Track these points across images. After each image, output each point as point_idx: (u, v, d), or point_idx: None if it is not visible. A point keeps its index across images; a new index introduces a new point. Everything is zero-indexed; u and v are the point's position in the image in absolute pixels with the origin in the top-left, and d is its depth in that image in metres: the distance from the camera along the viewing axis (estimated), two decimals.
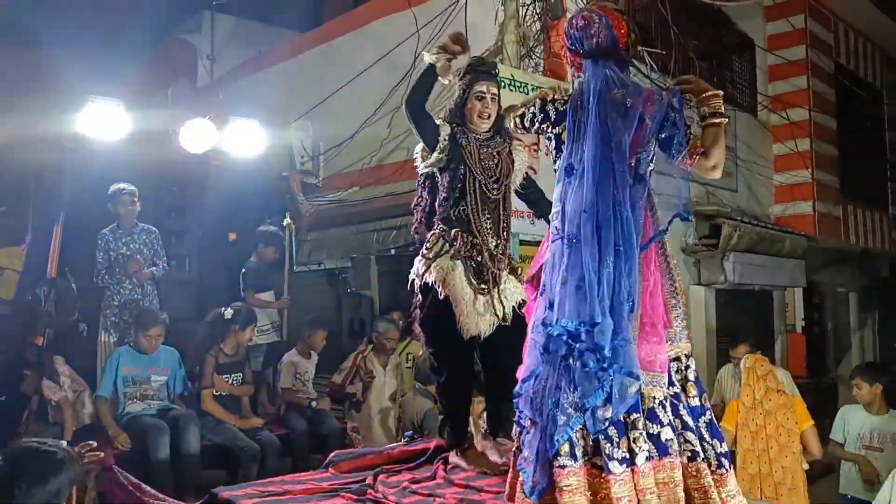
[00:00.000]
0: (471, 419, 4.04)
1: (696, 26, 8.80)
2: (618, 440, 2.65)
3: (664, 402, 2.78)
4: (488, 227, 3.72)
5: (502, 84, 5.91)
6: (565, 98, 2.99)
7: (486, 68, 3.89)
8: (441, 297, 3.63)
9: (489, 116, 3.77)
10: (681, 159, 2.83)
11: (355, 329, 7.98)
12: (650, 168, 2.91)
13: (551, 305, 2.73)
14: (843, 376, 12.08)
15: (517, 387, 2.84)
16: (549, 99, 3.02)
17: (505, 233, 3.79)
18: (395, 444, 4.37)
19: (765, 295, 10.34)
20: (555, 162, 3.02)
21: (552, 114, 2.98)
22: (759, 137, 10.29)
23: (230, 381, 5.76)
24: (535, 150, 6.25)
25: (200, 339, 5.85)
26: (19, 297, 6.16)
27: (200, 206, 7.15)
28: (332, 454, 4.15)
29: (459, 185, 3.72)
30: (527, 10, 6.83)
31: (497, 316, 3.65)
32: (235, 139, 6.44)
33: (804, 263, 10.01)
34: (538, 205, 3.96)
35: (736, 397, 5.55)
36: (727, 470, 2.83)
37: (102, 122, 5.69)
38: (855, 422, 5.60)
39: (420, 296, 3.76)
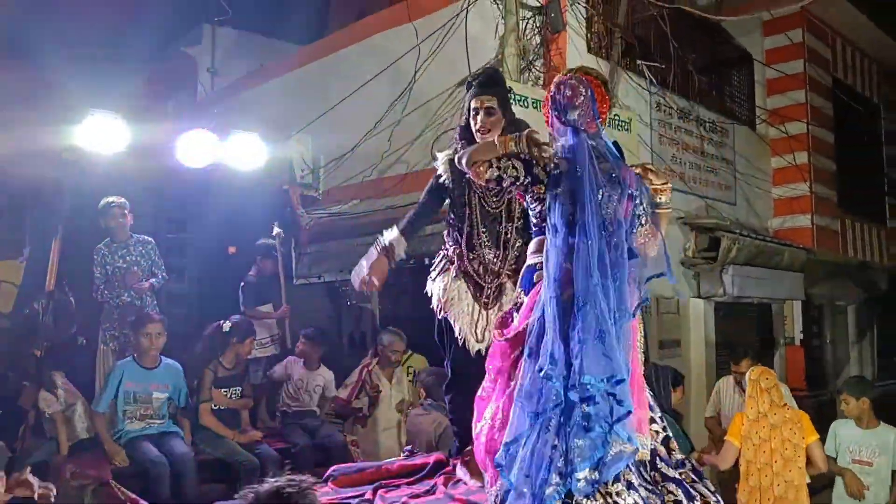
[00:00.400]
0: None
1: (695, 40, 8.85)
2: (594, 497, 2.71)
3: (644, 461, 2.91)
4: (486, 240, 3.74)
5: (510, 98, 5.98)
6: (552, 160, 2.96)
7: (477, 81, 3.86)
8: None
9: (488, 130, 3.70)
10: (640, 234, 3.03)
11: (356, 342, 7.96)
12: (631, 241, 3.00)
13: (554, 363, 2.71)
14: None
15: (499, 454, 2.82)
16: (531, 160, 2.98)
17: (508, 245, 3.76)
18: (394, 459, 4.37)
19: (764, 308, 10.34)
20: (539, 217, 3.02)
21: (541, 176, 2.94)
22: (758, 151, 10.31)
23: (229, 395, 5.73)
24: None
25: (199, 353, 5.82)
26: (17, 311, 6.15)
27: (200, 220, 7.14)
28: (332, 469, 4.14)
29: (460, 203, 3.78)
30: (527, 23, 6.86)
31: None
32: (236, 152, 6.43)
33: (803, 276, 10.01)
34: None
35: (738, 410, 5.55)
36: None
37: (102, 135, 5.67)
38: (845, 435, 5.61)
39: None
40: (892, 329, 14.62)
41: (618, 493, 2.71)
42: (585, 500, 2.67)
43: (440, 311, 3.77)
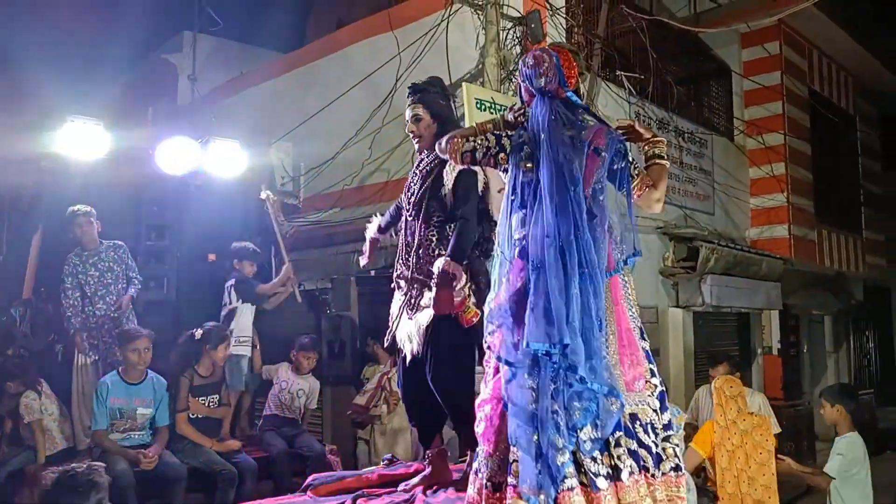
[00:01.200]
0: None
1: (674, 52, 8.93)
2: (600, 457, 2.73)
3: (644, 420, 2.88)
4: (405, 250, 3.76)
5: (482, 106, 6.01)
6: (519, 126, 3.07)
7: (410, 89, 3.91)
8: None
9: (418, 137, 3.80)
10: (633, 188, 3.01)
11: (335, 351, 7.93)
12: (604, 198, 2.97)
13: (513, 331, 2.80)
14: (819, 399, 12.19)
15: (479, 420, 2.89)
16: (502, 131, 3.08)
17: (424, 253, 3.67)
18: (374, 468, 4.35)
19: (742, 317, 10.42)
20: (512, 192, 3.02)
21: (507, 145, 3.01)
22: (736, 161, 10.42)
23: (206, 403, 5.69)
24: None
25: (174, 362, 5.78)
26: None
27: (180, 227, 7.10)
28: (311, 477, 4.12)
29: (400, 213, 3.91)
30: (507, 34, 6.90)
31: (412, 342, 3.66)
32: (216, 159, 6.42)
33: (780, 286, 10.10)
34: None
35: (710, 418, 5.58)
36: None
37: (81, 141, 5.65)
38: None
39: None
40: (868, 339, 14.82)
41: (619, 458, 2.75)
42: (592, 461, 2.71)
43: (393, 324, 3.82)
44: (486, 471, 2.86)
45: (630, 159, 3.04)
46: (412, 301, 3.67)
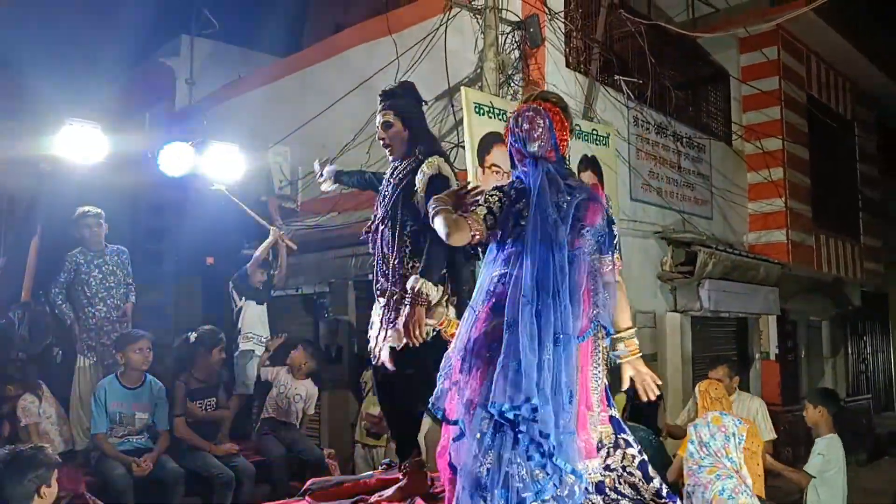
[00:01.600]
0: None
1: (672, 57, 8.94)
2: None
3: (612, 484, 2.91)
4: (382, 260, 3.67)
5: (480, 110, 6.01)
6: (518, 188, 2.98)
7: (381, 95, 3.81)
8: None
9: (386, 146, 3.75)
10: (607, 262, 2.99)
11: (332, 355, 7.92)
12: (585, 263, 2.95)
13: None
14: None
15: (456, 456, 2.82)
16: (504, 185, 3.01)
17: (399, 265, 3.57)
18: (371, 473, 4.34)
19: (740, 322, 10.42)
20: (497, 247, 2.98)
21: (513, 194, 2.94)
22: (734, 166, 10.43)
23: (203, 407, 5.68)
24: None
25: (170, 366, 5.78)
26: None
27: (178, 230, 7.10)
28: (309, 482, 4.10)
29: (373, 222, 3.80)
30: (506, 38, 6.90)
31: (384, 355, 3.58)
32: (214, 163, 6.41)
33: (778, 291, 10.10)
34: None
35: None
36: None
37: (79, 144, 5.64)
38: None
39: None
40: (866, 345, 14.83)
41: None
42: None
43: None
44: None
45: (616, 234, 3.05)
46: (392, 316, 3.56)
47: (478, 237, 2.87)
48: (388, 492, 3.70)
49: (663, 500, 2.91)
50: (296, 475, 5.55)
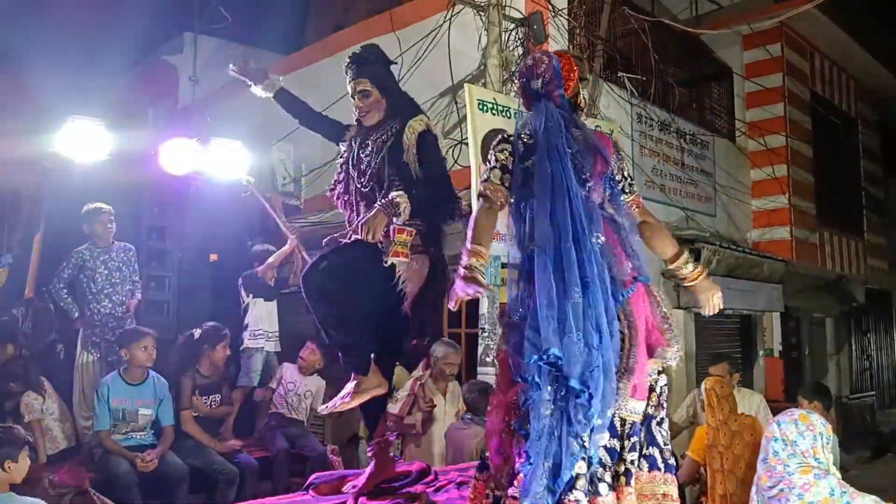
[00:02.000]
0: None
1: (675, 54, 8.94)
2: (610, 463, 2.72)
3: (641, 423, 2.86)
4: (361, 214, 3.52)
5: (484, 107, 6.00)
6: (528, 133, 2.98)
7: (351, 62, 3.66)
8: None
9: (366, 113, 3.64)
10: (625, 203, 3.00)
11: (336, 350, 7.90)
12: (613, 206, 2.97)
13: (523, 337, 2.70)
14: None
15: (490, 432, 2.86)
16: (510, 136, 3.02)
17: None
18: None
19: (744, 319, 10.41)
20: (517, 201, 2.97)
21: (521, 148, 2.95)
22: (738, 163, 10.42)
23: (208, 403, 5.69)
24: None
25: (175, 363, 5.78)
26: None
27: (181, 227, 7.10)
28: (312, 476, 4.11)
29: (343, 179, 3.71)
30: (509, 35, 6.90)
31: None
32: (217, 160, 6.41)
33: (782, 288, 10.09)
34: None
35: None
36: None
37: (82, 141, 5.64)
38: None
39: None
40: (869, 342, 14.81)
41: (630, 462, 2.75)
42: (601, 468, 2.69)
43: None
44: (491, 482, 2.86)
45: (626, 175, 3.03)
46: None
47: (502, 204, 2.94)
48: (360, 480, 3.69)
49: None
50: (298, 471, 5.55)
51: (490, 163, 2.96)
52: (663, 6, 10.22)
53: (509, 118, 6.30)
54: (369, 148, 3.59)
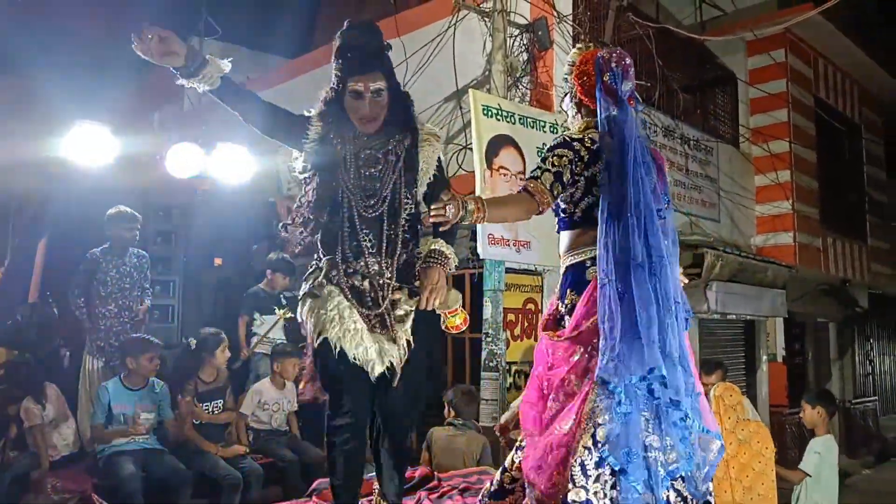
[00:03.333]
0: None
1: (680, 60, 8.94)
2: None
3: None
4: (369, 247, 2.98)
5: (488, 113, 6.01)
6: (591, 138, 2.83)
7: (359, 54, 3.00)
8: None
9: (374, 119, 3.01)
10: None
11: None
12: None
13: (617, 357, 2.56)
14: None
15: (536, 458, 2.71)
16: (574, 140, 2.83)
17: (396, 251, 3.01)
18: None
19: (748, 325, 10.42)
20: (584, 207, 2.83)
21: (585, 155, 2.77)
22: (741, 169, 10.43)
23: (210, 410, 5.67)
24: (522, 179, 6.31)
25: (177, 370, 5.78)
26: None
27: (186, 232, 7.13)
28: (316, 482, 4.12)
29: (329, 199, 3.01)
30: (514, 41, 6.91)
31: (391, 357, 2.99)
32: (222, 164, 6.43)
33: (785, 293, 10.10)
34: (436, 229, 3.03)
35: None
36: None
37: (88, 146, 5.66)
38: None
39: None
40: (872, 347, 14.80)
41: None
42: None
43: (316, 335, 2.98)
44: None
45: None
46: (382, 314, 3.01)
47: (543, 209, 2.74)
48: None
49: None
50: (303, 477, 5.54)
51: (544, 164, 2.76)
52: (668, 12, 10.23)
53: (513, 123, 6.31)
54: (378, 160, 3.03)
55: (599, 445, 2.53)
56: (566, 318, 2.82)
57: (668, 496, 2.53)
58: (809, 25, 9.80)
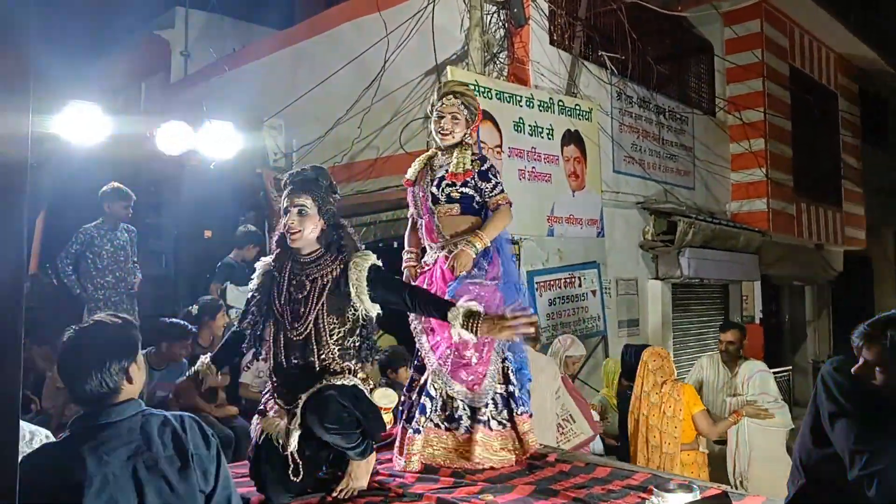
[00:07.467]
0: None
1: (656, 31, 9.12)
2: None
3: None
4: (295, 376, 3.21)
5: (474, 90, 6.22)
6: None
7: (294, 178, 3.32)
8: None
9: (298, 231, 3.20)
10: None
11: None
12: None
13: None
14: (800, 365, 12.59)
15: None
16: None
17: (320, 365, 3.18)
18: None
19: (722, 289, 10.72)
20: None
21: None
22: (717, 138, 10.68)
23: None
24: (498, 153, 6.57)
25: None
26: None
27: (176, 205, 7.33)
28: None
29: (261, 327, 3.30)
30: (491, 17, 7.11)
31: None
32: (210, 141, 6.62)
33: (758, 258, 10.41)
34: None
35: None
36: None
37: (80, 124, 5.83)
38: None
39: None
40: (848, 308, 15.16)
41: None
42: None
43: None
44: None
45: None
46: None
47: None
48: None
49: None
50: None
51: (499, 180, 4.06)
52: None
53: (490, 99, 6.55)
54: (306, 286, 3.23)
55: None
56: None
57: None
58: None
